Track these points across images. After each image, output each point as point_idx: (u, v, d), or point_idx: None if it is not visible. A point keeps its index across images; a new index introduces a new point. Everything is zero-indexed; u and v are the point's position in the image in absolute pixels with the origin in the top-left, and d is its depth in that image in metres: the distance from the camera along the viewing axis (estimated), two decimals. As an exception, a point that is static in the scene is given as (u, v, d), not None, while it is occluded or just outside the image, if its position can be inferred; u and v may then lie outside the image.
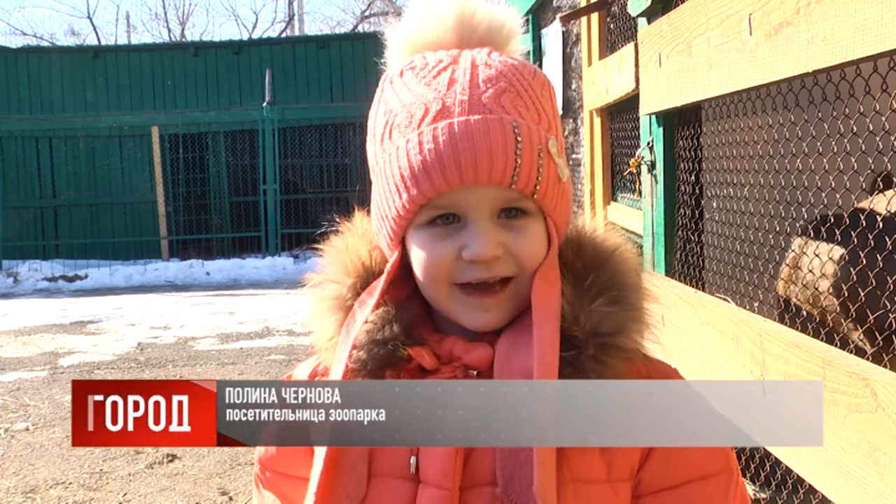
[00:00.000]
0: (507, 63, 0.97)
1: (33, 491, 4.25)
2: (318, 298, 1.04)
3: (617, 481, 0.93)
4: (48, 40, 29.17)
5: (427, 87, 0.94)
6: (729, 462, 0.98)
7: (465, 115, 0.91)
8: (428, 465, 0.92)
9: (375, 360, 0.95)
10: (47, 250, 15.25)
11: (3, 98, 15.68)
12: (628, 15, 3.14)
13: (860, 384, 1.33)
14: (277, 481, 1.10)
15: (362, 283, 1.02)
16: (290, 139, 16.01)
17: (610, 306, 0.95)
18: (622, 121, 3.74)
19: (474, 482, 0.92)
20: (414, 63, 0.98)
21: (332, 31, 28.68)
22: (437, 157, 0.90)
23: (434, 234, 0.94)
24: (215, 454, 4.73)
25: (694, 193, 2.51)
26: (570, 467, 0.92)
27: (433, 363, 0.96)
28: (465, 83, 0.94)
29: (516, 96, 0.94)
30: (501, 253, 0.93)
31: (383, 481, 0.95)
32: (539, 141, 0.93)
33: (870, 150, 1.52)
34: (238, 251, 15.23)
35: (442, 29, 1.00)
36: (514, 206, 0.94)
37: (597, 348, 0.92)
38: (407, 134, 0.93)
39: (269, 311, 9.57)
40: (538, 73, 1.00)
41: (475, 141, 0.90)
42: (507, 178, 0.90)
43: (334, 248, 1.05)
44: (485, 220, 0.93)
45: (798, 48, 1.47)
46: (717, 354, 1.96)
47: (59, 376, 6.64)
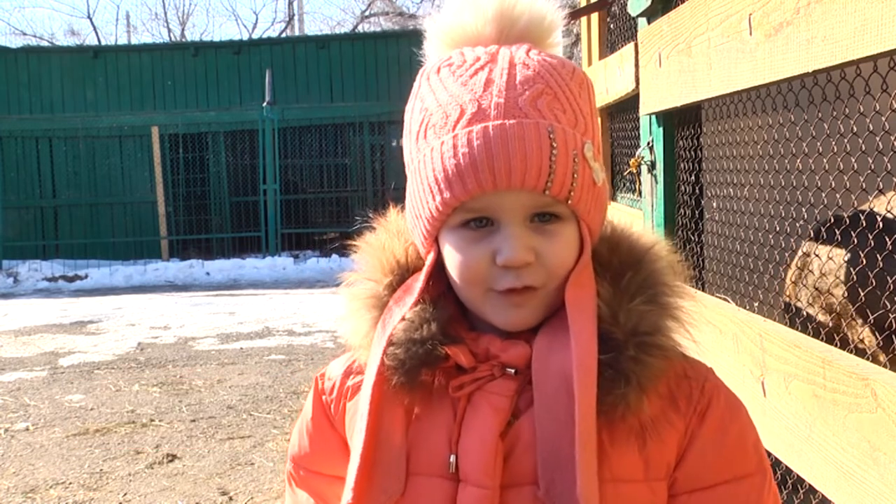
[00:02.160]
0: (545, 62, 0.95)
1: (33, 491, 4.25)
2: (354, 296, 1.04)
3: (654, 480, 0.94)
4: (48, 40, 29.19)
5: (463, 86, 0.93)
6: (763, 464, 0.99)
7: (501, 119, 0.90)
8: (468, 463, 0.92)
9: (414, 360, 0.95)
10: (47, 250, 15.24)
11: (3, 98, 15.67)
12: (628, 15, 3.14)
13: (860, 384, 1.33)
14: (311, 479, 1.10)
15: (398, 280, 1.02)
16: (290, 139, 16.01)
17: (648, 305, 0.95)
18: (622, 121, 3.74)
19: (515, 481, 0.92)
20: (451, 59, 0.97)
21: (332, 31, 28.70)
22: (470, 161, 0.90)
23: (467, 237, 0.94)
24: (215, 454, 4.73)
25: (694, 193, 2.50)
26: (611, 467, 0.92)
27: (470, 361, 0.96)
28: (501, 84, 0.92)
29: (554, 99, 0.93)
30: (533, 258, 0.92)
31: (423, 479, 0.95)
32: (575, 145, 0.92)
33: (870, 150, 1.52)
34: (238, 251, 15.23)
35: (482, 22, 0.99)
36: (547, 210, 0.93)
37: (636, 348, 0.92)
38: (442, 135, 0.93)
39: (269, 311, 9.56)
40: (577, 72, 0.98)
41: (510, 146, 0.89)
42: (542, 183, 0.90)
43: (370, 245, 1.06)
44: (517, 224, 0.92)
45: (798, 48, 1.47)
46: (718, 354, 1.96)
47: (59, 376, 6.64)
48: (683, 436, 0.95)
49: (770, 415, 1.69)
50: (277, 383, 6.22)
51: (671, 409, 0.95)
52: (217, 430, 5.18)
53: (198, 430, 5.18)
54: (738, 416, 0.99)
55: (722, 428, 0.96)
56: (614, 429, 0.92)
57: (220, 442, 4.95)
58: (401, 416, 0.96)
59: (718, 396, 0.98)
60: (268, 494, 4.12)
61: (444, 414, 0.96)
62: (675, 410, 0.95)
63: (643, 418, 0.92)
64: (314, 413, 1.10)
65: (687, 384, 0.97)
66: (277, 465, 4.50)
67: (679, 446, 0.95)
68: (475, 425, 0.93)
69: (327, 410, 1.08)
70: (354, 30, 26.60)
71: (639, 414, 0.91)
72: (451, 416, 0.96)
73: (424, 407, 0.97)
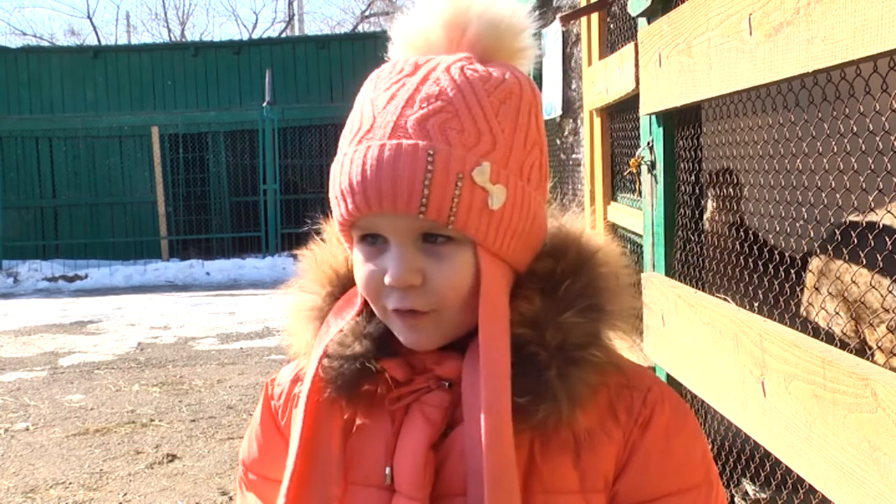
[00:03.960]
0: (463, 77, 0.91)
1: (33, 491, 4.25)
2: (295, 307, 1.05)
3: (591, 492, 0.92)
4: (48, 40, 29.19)
5: (374, 99, 0.93)
6: (709, 475, 0.97)
7: (383, 139, 0.88)
8: (401, 475, 0.92)
9: (345, 377, 0.95)
10: (47, 250, 15.25)
11: (3, 98, 15.68)
12: (628, 15, 3.14)
13: (860, 384, 1.33)
14: (259, 484, 1.10)
15: (339, 290, 1.02)
16: (290, 139, 16.01)
17: (581, 316, 0.92)
18: (622, 121, 3.74)
19: (446, 492, 0.91)
20: (384, 68, 0.97)
21: (332, 31, 28.72)
22: (350, 182, 0.89)
23: (365, 252, 0.93)
24: (215, 454, 4.73)
25: (694, 193, 2.50)
26: (541, 479, 0.91)
27: (406, 375, 0.95)
28: (401, 101, 0.90)
29: (451, 117, 0.88)
30: (419, 281, 0.89)
31: (359, 490, 0.95)
32: (461, 168, 0.87)
33: (870, 150, 1.51)
34: (238, 251, 15.23)
35: (432, 27, 0.97)
36: (435, 232, 0.89)
37: (562, 365, 0.90)
38: (344, 148, 0.93)
39: (269, 311, 9.57)
40: (504, 86, 0.92)
41: (382, 169, 0.87)
42: (414, 207, 0.86)
43: (310, 255, 1.06)
44: (404, 245, 0.89)
45: (798, 48, 1.47)
46: (717, 354, 1.96)
47: (59, 376, 6.64)
48: (623, 447, 0.93)
49: (770, 415, 1.69)
50: (277, 383, 6.22)
51: (610, 419, 0.93)
52: (217, 430, 5.19)
53: (198, 430, 5.19)
54: (685, 426, 0.97)
55: (666, 438, 0.94)
56: (548, 441, 0.91)
57: (220, 442, 4.95)
58: (340, 425, 0.96)
59: (663, 406, 0.95)
60: (268, 494, 4.12)
61: (382, 425, 0.96)
62: (613, 421, 0.94)
63: (577, 430, 0.91)
64: (262, 418, 1.10)
65: (628, 394, 0.95)
66: (277, 465, 4.50)
67: (618, 458, 0.93)
68: (409, 437, 0.93)
69: (275, 416, 1.08)
70: (354, 30, 26.61)
71: (572, 426, 0.90)
72: (389, 428, 0.95)
73: (365, 417, 0.97)
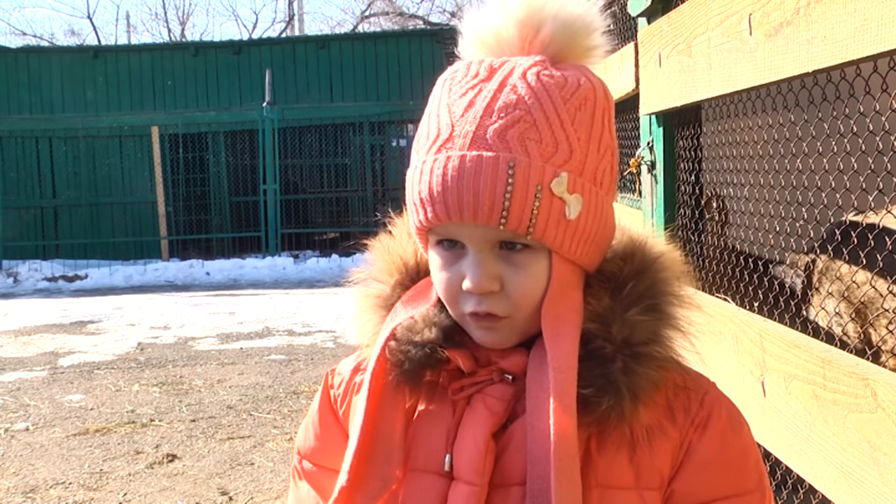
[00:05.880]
0: (540, 84, 0.91)
1: (33, 491, 4.25)
2: (362, 295, 1.07)
3: (645, 489, 0.94)
4: (48, 40, 29.21)
5: (450, 106, 0.93)
6: (762, 482, 0.98)
7: (464, 150, 0.89)
8: (461, 462, 0.95)
9: (412, 361, 0.97)
10: (47, 250, 15.24)
11: (3, 98, 15.68)
12: (628, 15, 3.14)
13: (860, 384, 1.33)
14: (315, 473, 1.11)
15: (408, 280, 1.05)
16: (290, 139, 16.01)
17: (645, 314, 0.94)
18: (622, 121, 3.74)
19: (504, 481, 0.94)
20: (457, 71, 0.96)
21: (332, 31, 28.70)
22: (430, 191, 0.91)
23: (442, 257, 0.96)
24: (215, 454, 4.73)
25: (694, 193, 2.50)
26: (597, 473, 0.93)
27: (470, 366, 0.98)
28: (479, 110, 0.90)
29: (530, 127, 0.89)
30: (497, 288, 0.92)
31: (418, 475, 0.97)
32: (540, 179, 0.89)
33: (870, 150, 1.51)
34: (238, 251, 15.23)
35: (505, 26, 0.96)
36: (512, 240, 0.92)
37: (626, 359, 0.92)
38: (422, 155, 0.94)
39: (269, 311, 9.56)
40: (579, 93, 0.93)
41: (463, 181, 0.88)
42: (495, 219, 0.88)
43: (380, 246, 1.08)
44: (482, 252, 0.92)
45: (798, 48, 1.47)
46: (718, 354, 1.96)
47: (59, 376, 6.64)
48: (679, 447, 0.95)
49: (770, 415, 1.69)
50: (277, 383, 6.22)
51: (667, 418, 0.95)
52: (217, 430, 5.18)
53: (198, 430, 5.19)
54: (741, 432, 0.99)
55: (724, 443, 0.96)
56: (606, 436, 0.93)
57: (220, 442, 4.95)
58: (403, 410, 0.99)
59: (720, 410, 0.98)
60: (268, 494, 4.12)
61: (444, 414, 0.98)
62: (670, 420, 0.95)
63: (636, 427, 0.93)
64: (321, 407, 1.12)
65: (685, 395, 0.97)
66: (277, 465, 4.50)
67: (674, 457, 0.95)
68: (470, 426, 0.96)
69: (334, 405, 1.10)
70: (354, 30, 26.61)
71: (632, 423, 0.92)
72: (450, 417, 0.98)
73: (427, 405, 1.00)
